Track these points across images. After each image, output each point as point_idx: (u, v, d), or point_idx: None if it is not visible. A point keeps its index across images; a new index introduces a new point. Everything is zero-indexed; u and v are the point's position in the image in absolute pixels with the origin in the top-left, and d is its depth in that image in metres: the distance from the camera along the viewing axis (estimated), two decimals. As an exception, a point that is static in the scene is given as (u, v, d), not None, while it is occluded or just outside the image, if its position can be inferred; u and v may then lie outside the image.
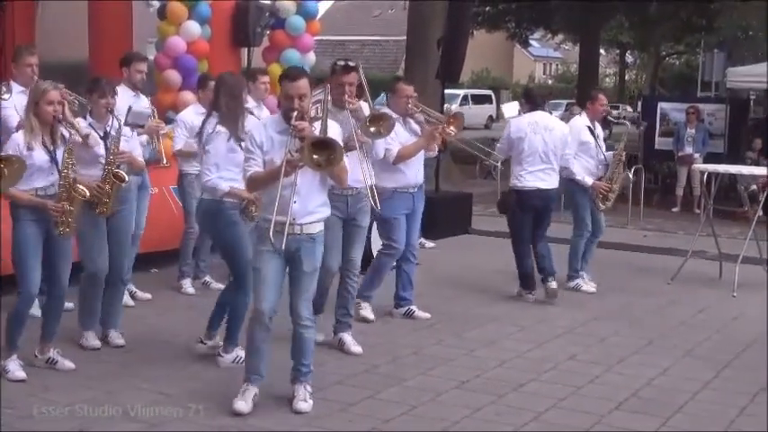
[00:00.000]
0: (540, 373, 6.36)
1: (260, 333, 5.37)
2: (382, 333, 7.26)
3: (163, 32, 10.22)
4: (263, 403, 5.43)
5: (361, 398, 5.72)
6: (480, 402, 5.71)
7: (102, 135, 6.25)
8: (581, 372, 6.43)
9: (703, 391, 6.12)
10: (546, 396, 5.89)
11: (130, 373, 5.99)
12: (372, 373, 6.26)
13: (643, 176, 14.56)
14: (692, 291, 9.22)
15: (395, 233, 7.42)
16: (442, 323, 7.64)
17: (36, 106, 5.79)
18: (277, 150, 5.25)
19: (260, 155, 5.29)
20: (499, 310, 8.14)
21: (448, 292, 8.81)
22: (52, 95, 5.79)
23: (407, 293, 7.79)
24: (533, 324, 7.72)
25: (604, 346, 7.17)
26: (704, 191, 11.37)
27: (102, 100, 6.24)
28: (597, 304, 8.51)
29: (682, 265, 9.64)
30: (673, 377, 6.42)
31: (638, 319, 8.03)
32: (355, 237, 6.75)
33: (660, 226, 13.59)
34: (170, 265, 8.54)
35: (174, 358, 6.34)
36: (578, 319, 7.90)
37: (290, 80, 5.29)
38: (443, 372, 6.34)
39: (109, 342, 6.55)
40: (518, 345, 7.07)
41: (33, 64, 7.03)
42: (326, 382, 5.98)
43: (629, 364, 6.67)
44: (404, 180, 7.45)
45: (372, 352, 6.70)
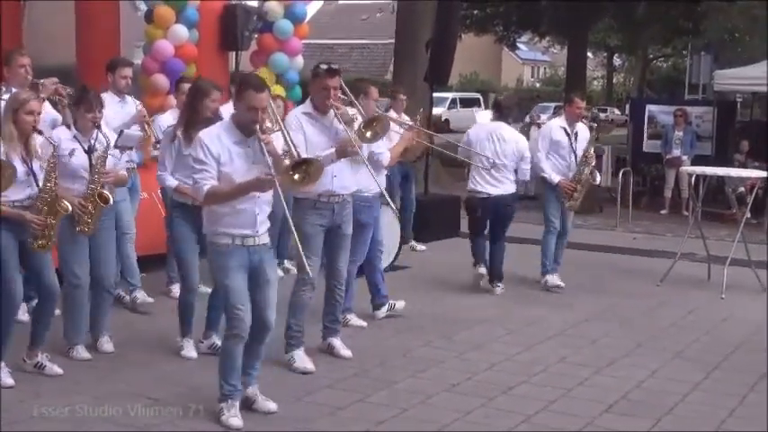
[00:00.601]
0: (530, 376, 6.35)
1: (239, 347, 5.29)
2: (371, 336, 7.25)
3: (150, 36, 10.18)
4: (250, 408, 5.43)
5: (352, 401, 5.71)
6: (470, 405, 5.71)
7: (87, 149, 6.10)
8: (571, 374, 6.43)
9: (693, 393, 6.13)
10: (536, 399, 5.89)
11: (119, 378, 5.96)
12: (362, 376, 6.25)
13: (631, 179, 14.60)
14: (681, 293, 9.24)
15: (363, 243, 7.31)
16: (432, 326, 7.63)
17: (15, 114, 5.65)
18: (237, 163, 5.12)
19: (215, 167, 5.07)
20: (489, 313, 8.13)
21: (437, 295, 8.80)
22: (33, 105, 5.69)
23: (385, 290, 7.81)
24: (523, 326, 7.71)
25: (594, 348, 7.17)
26: (692, 193, 11.40)
27: (89, 114, 6.06)
28: (587, 306, 8.51)
29: (671, 267, 9.66)
30: (662, 379, 6.43)
31: (628, 321, 8.04)
32: (341, 245, 6.51)
33: (649, 228, 13.62)
34: (158, 270, 8.50)
35: (162, 362, 6.32)
36: (568, 322, 7.90)
37: (256, 91, 5.09)
38: (433, 374, 6.33)
39: (98, 348, 6.51)
40: (508, 347, 7.07)
41: (26, 64, 6.97)
42: (316, 385, 5.97)
43: (619, 367, 6.67)
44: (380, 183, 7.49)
45: (362, 355, 6.68)
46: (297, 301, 6.36)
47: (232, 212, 5.16)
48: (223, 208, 5.15)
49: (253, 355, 5.41)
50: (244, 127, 5.14)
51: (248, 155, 5.15)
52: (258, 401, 5.46)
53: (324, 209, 6.28)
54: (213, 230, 5.22)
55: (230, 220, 5.16)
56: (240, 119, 5.15)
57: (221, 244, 5.19)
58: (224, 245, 5.18)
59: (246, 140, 5.15)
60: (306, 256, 5.99)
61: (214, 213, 5.20)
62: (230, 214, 5.16)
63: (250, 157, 5.16)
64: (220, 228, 5.18)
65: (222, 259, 5.19)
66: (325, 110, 6.25)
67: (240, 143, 5.15)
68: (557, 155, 9.13)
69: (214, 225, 5.21)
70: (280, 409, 5.48)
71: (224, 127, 5.22)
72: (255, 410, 5.42)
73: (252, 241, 5.23)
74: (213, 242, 5.23)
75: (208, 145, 5.09)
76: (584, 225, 13.45)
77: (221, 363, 5.32)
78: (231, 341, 5.27)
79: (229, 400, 5.28)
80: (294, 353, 6.33)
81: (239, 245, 5.18)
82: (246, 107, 5.09)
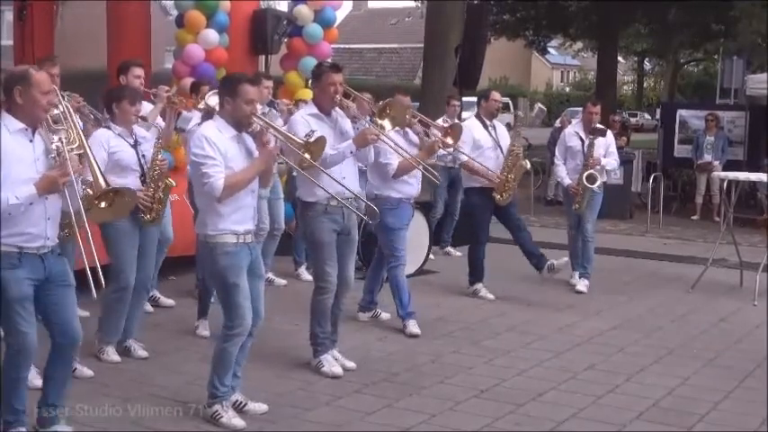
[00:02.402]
0: (560, 383, 6.31)
1: (238, 347, 5.29)
2: (400, 341, 7.23)
3: (181, 40, 10.24)
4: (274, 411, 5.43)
5: (380, 406, 5.70)
6: (499, 411, 5.67)
7: (133, 143, 6.29)
8: (601, 381, 6.38)
9: (725, 401, 6.06)
10: (566, 405, 5.85)
11: (149, 382, 5.99)
12: (391, 381, 6.23)
13: (662, 184, 14.50)
14: (713, 299, 9.15)
15: (400, 243, 7.41)
16: (460, 331, 7.60)
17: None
18: (237, 159, 5.17)
19: (222, 161, 5.09)
20: (517, 319, 8.09)
21: (465, 301, 8.77)
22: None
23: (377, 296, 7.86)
24: (552, 333, 7.67)
25: (624, 355, 7.11)
26: (724, 199, 11.29)
27: (133, 107, 6.27)
28: (616, 313, 8.45)
29: (702, 273, 9.57)
30: (694, 387, 6.36)
31: (658, 328, 7.96)
32: (349, 251, 6.41)
33: (680, 234, 13.52)
34: (187, 273, 8.53)
35: (193, 364, 6.34)
36: (597, 328, 7.84)
37: (252, 84, 5.26)
38: (462, 380, 6.31)
39: (131, 353, 6.54)
40: (537, 354, 7.03)
41: (55, 74, 7.04)
42: (345, 390, 5.96)
43: (650, 374, 6.61)
44: (409, 190, 7.49)
45: (390, 360, 6.68)
46: (319, 309, 6.31)
47: (236, 209, 5.19)
48: (227, 206, 5.16)
49: (243, 351, 5.40)
50: (239, 121, 5.20)
51: (242, 150, 5.24)
52: (249, 404, 5.46)
53: (335, 213, 6.21)
54: (218, 230, 5.18)
55: (236, 217, 5.19)
56: (237, 113, 5.18)
57: (229, 243, 5.19)
58: (231, 244, 5.19)
59: (239, 136, 5.24)
60: (326, 263, 6.01)
61: (218, 213, 5.17)
62: (235, 211, 5.19)
63: (244, 152, 5.24)
64: (228, 226, 5.17)
65: (229, 259, 5.18)
66: (329, 109, 6.23)
67: (235, 138, 5.22)
68: (572, 160, 9.34)
69: (218, 225, 5.18)
70: (309, 414, 5.48)
71: (220, 123, 5.24)
72: (246, 413, 5.40)
73: (251, 237, 5.31)
74: (219, 242, 5.18)
75: (214, 140, 5.12)
76: (615, 230, 13.38)
77: (218, 363, 5.28)
78: (232, 341, 5.25)
79: (224, 401, 5.29)
80: (322, 357, 6.33)
81: (243, 242, 5.23)
82: (245, 101, 5.16)
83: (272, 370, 6.29)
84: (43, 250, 4.63)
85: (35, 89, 4.54)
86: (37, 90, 4.54)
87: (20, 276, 4.53)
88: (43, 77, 4.61)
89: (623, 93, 52.20)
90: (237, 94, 5.17)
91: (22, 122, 4.57)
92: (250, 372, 5.75)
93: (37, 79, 4.57)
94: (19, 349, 4.60)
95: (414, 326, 7.42)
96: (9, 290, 4.51)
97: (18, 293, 4.53)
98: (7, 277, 4.50)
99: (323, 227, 6.19)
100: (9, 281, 4.50)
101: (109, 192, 4.93)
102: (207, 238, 5.23)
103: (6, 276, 4.50)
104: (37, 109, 4.57)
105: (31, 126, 4.60)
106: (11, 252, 4.52)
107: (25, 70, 4.66)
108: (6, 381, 4.66)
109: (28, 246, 4.56)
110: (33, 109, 4.56)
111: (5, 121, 4.55)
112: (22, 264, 4.54)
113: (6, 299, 4.53)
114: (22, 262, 4.55)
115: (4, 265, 4.50)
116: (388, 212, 7.24)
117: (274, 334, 6.91)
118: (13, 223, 4.49)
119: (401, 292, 7.46)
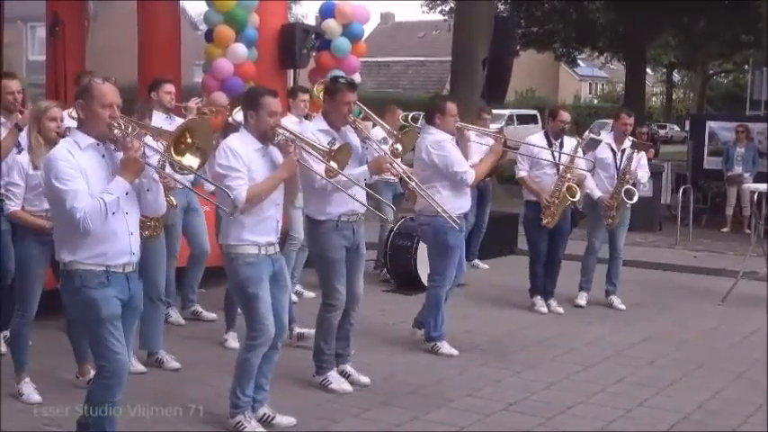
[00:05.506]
0: (589, 396, 6.29)
1: (260, 358, 5.31)
2: (427, 354, 7.23)
3: (210, 55, 10.31)
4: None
5: (408, 419, 5.70)
6: (528, 424, 5.66)
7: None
8: (630, 394, 6.35)
9: (756, 415, 6.01)
10: (595, 418, 5.82)
11: (179, 394, 6.02)
12: (418, 393, 6.24)
13: (692, 196, 14.40)
14: (743, 312, 9.08)
15: (452, 266, 7.23)
16: (488, 344, 7.59)
17: (38, 123, 5.78)
18: (260, 171, 5.22)
19: (246, 173, 5.14)
20: (546, 332, 8.07)
21: (493, 313, 8.76)
22: (54, 112, 5.82)
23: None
24: (581, 346, 7.64)
25: (653, 368, 7.08)
26: (755, 211, 11.21)
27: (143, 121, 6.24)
28: (646, 326, 8.41)
29: (732, 286, 9.50)
30: (724, 400, 6.31)
31: (688, 341, 7.91)
32: (358, 266, 6.34)
33: (709, 246, 13.40)
34: (217, 286, 8.57)
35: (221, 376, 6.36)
36: (626, 341, 7.80)
37: (273, 96, 5.31)
38: (490, 393, 6.30)
39: (163, 365, 6.57)
40: (565, 366, 7.00)
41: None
42: (372, 402, 5.97)
43: (680, 387, 6.57)
44: (467, 204, 7.40)
45: (418, 373, 6.67)
46: (326, 326, 6.26)
47: (258, 221, 5.22)
48: (249, 218, 5.19)
49: (269, 363, 5.42)
50: (264, 134, 5.25)
51: (266, 162, 5.28)
52: (277, 417, 5.47)
53: (345, 229, 6.16)
54: (240, 240, 5.22)
55: (258, 228, 5.23)
56: (261, 126, 5.24)
57: (250, 254, 5.23)
58: (253, 255, 5.23)
59: (265, 149, 5.28)
60: (336, 280, 6.05)
61: (240, 224, 5.20)
62: (257, 223, 5.22)
63: (269, 165, 5.28)
64: (250, 237, 5.21)
65: (250, 269, 5.22)
66: (341, 126, 6.16)
67: (260, 151, 5.26)
68: (602, 171, 9.05)
69: (240, 235, 5.22)
70: (336, 426, 5.49)
71: (245, 137, 5.29)
72: (274, 426, 5.42)
73: (273, 249, 5.33)
74: (240, 253, 5.23)
75: (239, 152, 5.17)
76: (644, 243, 13.30)
77: (241, 373, 5.32)
78: (254, 351, 5.28)
79: (246, 412, 5.31)
80: (328, 375, 6.27)
81: (264, 254, 5.26)
82: (268, 113, 5.22)
83: (300, 382, 6.30)
84: (129, 268, 4.52)
85: (96, 102, 4.37)
86: (98, 104, 4.37)
87: (109, 294, 4.42)
88: (106, 90, 4.42)
89: (652, 104, 51.89)
90: (260, 106, 5.23)
91: (90, 137, 4.42)
92: (278, 384, 5.77)
93: (99, 92, 4.40)
94: (113, 372, 4.46)
95: (447, 347, 7.24)
96: (100, 309, 4.39)
97: (109, 312, 4.41)
98: (96, 296, 4.39)
99: (334, 243, 6.13)
100: (98, 300, 4.39)
101: (179, 136, 4.60)
102: (229, 248, 5.28)
103: (95, 296, 4.39)
104: (99, 123, 4.39)
105: (100, 140, 4.44)
106: (97, 271, 4.42)
107: (87, 82, 4.53)
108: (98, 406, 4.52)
109: (114, 263, 4.45)
110: (96, 123, 4.40)
111: (76, 137, 4.43)
112: (110, 282, 4.45)
113: (97, 319, 4.41)
114: (110, 280, 4.45)
115: (92, 284, 4.40)
116: (450, 231, 7.02)
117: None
118: (97, 242, 4.37)
119: (437, 311, 7.27)
